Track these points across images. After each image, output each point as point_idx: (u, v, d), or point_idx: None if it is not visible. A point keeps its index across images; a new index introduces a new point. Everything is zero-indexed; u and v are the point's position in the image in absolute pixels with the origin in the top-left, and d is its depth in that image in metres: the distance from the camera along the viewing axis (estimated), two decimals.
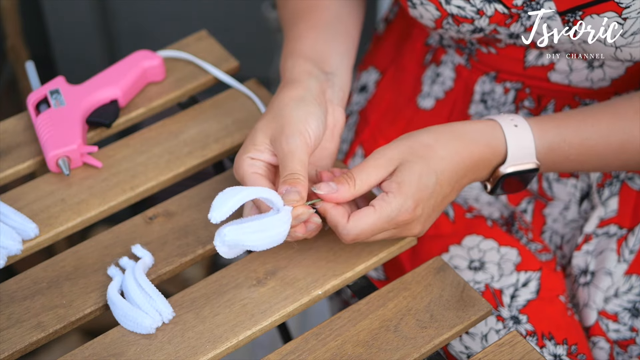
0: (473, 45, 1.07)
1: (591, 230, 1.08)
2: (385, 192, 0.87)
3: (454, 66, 1.12)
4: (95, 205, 0.98)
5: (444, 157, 0.88)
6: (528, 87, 1.08)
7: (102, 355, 0.86)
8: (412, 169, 0.87)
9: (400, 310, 0.89)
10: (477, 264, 1.06)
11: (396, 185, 0.86)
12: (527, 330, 1.01)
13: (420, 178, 0.87)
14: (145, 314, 0.87)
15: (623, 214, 1.08)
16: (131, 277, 0.89)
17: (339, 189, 0.86)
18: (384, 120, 1.17)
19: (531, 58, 1.04)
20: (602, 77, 1.04)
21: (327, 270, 0.92)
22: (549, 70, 1.05)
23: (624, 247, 1.06)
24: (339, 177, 0.87)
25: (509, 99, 1.09)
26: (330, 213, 0.86)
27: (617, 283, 1.05)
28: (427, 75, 1.15)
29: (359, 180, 0.87)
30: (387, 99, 1.18)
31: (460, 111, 1.13)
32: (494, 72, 1.09)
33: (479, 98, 1.11)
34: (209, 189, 1.00)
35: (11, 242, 0.93)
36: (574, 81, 1.05)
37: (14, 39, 1.71)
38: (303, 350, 0.87)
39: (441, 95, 1.14)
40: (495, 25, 0.98)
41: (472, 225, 1.09)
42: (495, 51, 1.05)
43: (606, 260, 1.06)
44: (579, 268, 1.08)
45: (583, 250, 1.08)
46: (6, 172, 1.01)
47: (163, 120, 1.06)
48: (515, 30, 0.98)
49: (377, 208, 0.86)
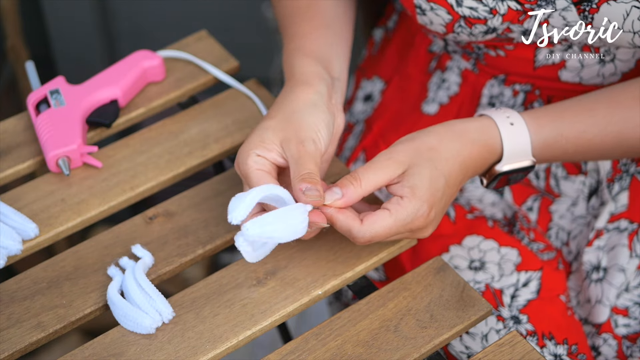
0: (480, 50, 1.07)
1: (602, 225, 1.08)
2: (399, 197, 0.86)
3: (460, 71, 1.11)
4: (95, 205, 0.98)
5: (448, 158, 0.89)
6: (538, 89, 1.08)
7: (102, 355, 0.86)
8: (422, 173, 0.87)
9: (400, 310, 0.89)
10: (477, 264, 1.06)
11: (409, 190, 0.86)
12: (527, 330, 1.01)
13: (431, 182, 0.87)
14: (145, 314, 0.87)
15: (633, 208, 1.08)
16: (131, 277, 0.89)
17: (346, 192, 0.86)
18: (388, 126, 1.17)
19: (542, 57, 1.03)
20: (613, 72, 1.03)
21: (327, 270, 0.92)
22: (560, 69, 1.04)
23: (636, 241, 1.06)
24: (343, 179, 0.87)
25: (518, 101, 1.09)
26: (338, 218, 0.86)
27: (629, 278, 1.05)
28: (432, 82, 1.14)
29: (365, 179, 0.86)
30: (392, 108, 1.18)
31: (467, 114, 1.12)
32: (502, 75, 1.08)
33: (486, 101, 1.10)
34: (209, 189, 1.00)
35: (11, 242, 0.93)
36: (585, 78, 1.04)
37: (14, 39, 1.71)
38: (303, 350, 0.87)
39: (445, 100, 1.13)
40: (509, 24, 0.97)
41: (473, 225, 1.09)
42: (504, 54, 1.05)
43: (618, 256, 1.06)
44: (590, 264, 1.07)
45: (594, 246, 1.08)
46: (6, 172, 1.01)
47: (163, 120, 1.06)
48: (529, 27, 0.98)
49: (392, 212, 0.85)
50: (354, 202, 0.86)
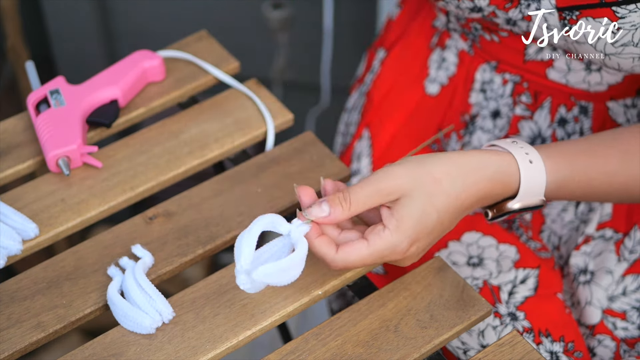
0: (477, 31, 1.07)
1: (591, 232, 1.08)
2: (382, 226, 0.84)
3: (457, 51, 1.12)
4: (95, 205, 0.98)
5: (450, 194, 0.85)
6: (526, 82, 1.08)
7: (102, 355, 0.86)
8: (414, 207, 0.83)
9: (400, 310, 0.89)
10: (475, 260, 1.06)
11: (395, 223, 0.83)
12: (524, 327, 1.01)
13: (421, 218, 0.84)
14: (145, 314, 0.87)
15: (617, 218, 1.08)
16: (131, 277, 0.89)
17: (332, 212, 0.84)
18: (388, 100, 1.17)
19: (531, 51, 1.05)
20: (599, 81, 1.04)
21: (327, 270, 0.92)
22: (548, 67, 1.05)
23: (623, 249, 1.06)
24: (333, 196, 0.84)
25: (507, 91, 1.10)
26: (314, 244, 0.84)
27: (618, 281, 1.05)
28: (432, 58, 1.15)
29: (355, 201, 0.83)
30: (391, 78, 1.18)
31: (461, 99, 1.13)
32: (494, 62, 1.09)
33: (479, 87, 1.11)
34: (209, 189, 1.00)
35: (11, 242, 0.93)
36: (571, 82, 1.05)
37: (14, 39, 1.71)
38: (303, 350, 0.87)
39: (445, 81, 1.14)
40: (495, 8, 0.98)
41: (472, 221, 1.09)
42: (498, 39, 1.06)
43: (606, 261, 1.06)
44: (577, 267, 1.08)
45: (581, 251, 1.08)
46: (6, 172, 1.01)
47: (163, 120, 1.06)
48: (513, 17, 0.98)
49: (370, 244, 0.83)
50: (338, 222, 0.85)
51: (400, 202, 0.84)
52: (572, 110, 1.08)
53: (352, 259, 0.84)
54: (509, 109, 1.11)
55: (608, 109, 1.08)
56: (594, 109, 1.08)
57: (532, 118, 1.10)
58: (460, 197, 0.85)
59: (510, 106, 1.11)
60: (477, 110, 1.13)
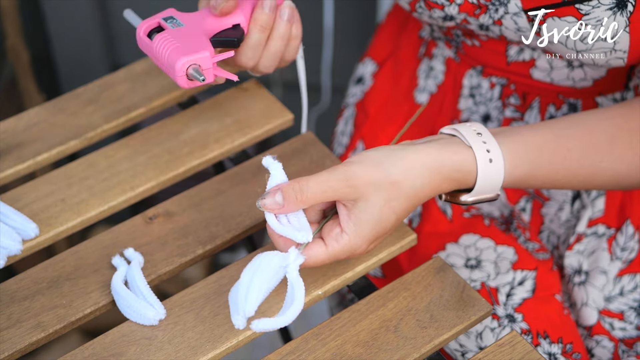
0: (459, 37, 1.08)
1: (582, 230, 1.09)
2: (339, 229, 0.84)
3: (444, 59, 1.13)
4: (95, 205, 0.98)
5: (408, 195, 0.85)
6: (513, 84, 1.08)
7: (102, 355, 0.86)
8: (372, 211, 0.83)
9: (400, 310, 0.89)
10: (473, 262, 1.06)
11: (353, 227, 0.83)
12: (522, 328, 1.01)
13: (379, 222, 0.84)
14: (150, 305, 0.87)
15: (609, 214, 1.08)
16: (137, 268, 0.90)
17: (286, 205, 0.83)
18: (383, 113, 1.18)
19: (513, 53, 1.05)
20: (583, 77, 1.04)
21: (327, 270, 0.92)
22: (531, 67, 1.05)
23: (615, 246, 1.06)
24: (288, 188, 0.83)
25: (495, 94, 1.10)
26: (278, 242, 0.85)
27: (614, 281, 1.05)
28: (421, 69, 1.16)
29: (311, 196, 0.83)
30: (385, 92, 1.18)
31: (450, 106, 1.13)
32: (480, 66, 1.09)
33: (467, 93, 1.12)
34: (209, 189, 1.00)
35: (11, 242, 0.93)
36: (556, 79, 1.05)
37: (14, 39, 1.71)
38: (303, 350, 0.87)
39: (434, 90, 1.14)
40: (466, 15, 0.98)
41: (470, 224, 1.09)
42: (479, 44, 1.06)
43: (599, 260, 1.06)
44: (572, 268, 1.08)
45: (575, 250, 1.08)
46: (6, 172, 1.01)
47: (163, 120, 1.06)
48: (484, 22, 0.99)
49: (328, 248, 0.84)
50: (290, 212, 0.84)
51: (358, 206, 0.83)
52: (561, 108, 1.09)
53: (310, 262, 0.84)
54: (498, 112, 1.11)
55: (598, 104, 1.08)
56: (582, 106, 1.08)
57: (522, 119, 1.10)
58: (418, 195, 0.86)
59: (500, 109, 1.11)
60: (468, 115, 1.13)
